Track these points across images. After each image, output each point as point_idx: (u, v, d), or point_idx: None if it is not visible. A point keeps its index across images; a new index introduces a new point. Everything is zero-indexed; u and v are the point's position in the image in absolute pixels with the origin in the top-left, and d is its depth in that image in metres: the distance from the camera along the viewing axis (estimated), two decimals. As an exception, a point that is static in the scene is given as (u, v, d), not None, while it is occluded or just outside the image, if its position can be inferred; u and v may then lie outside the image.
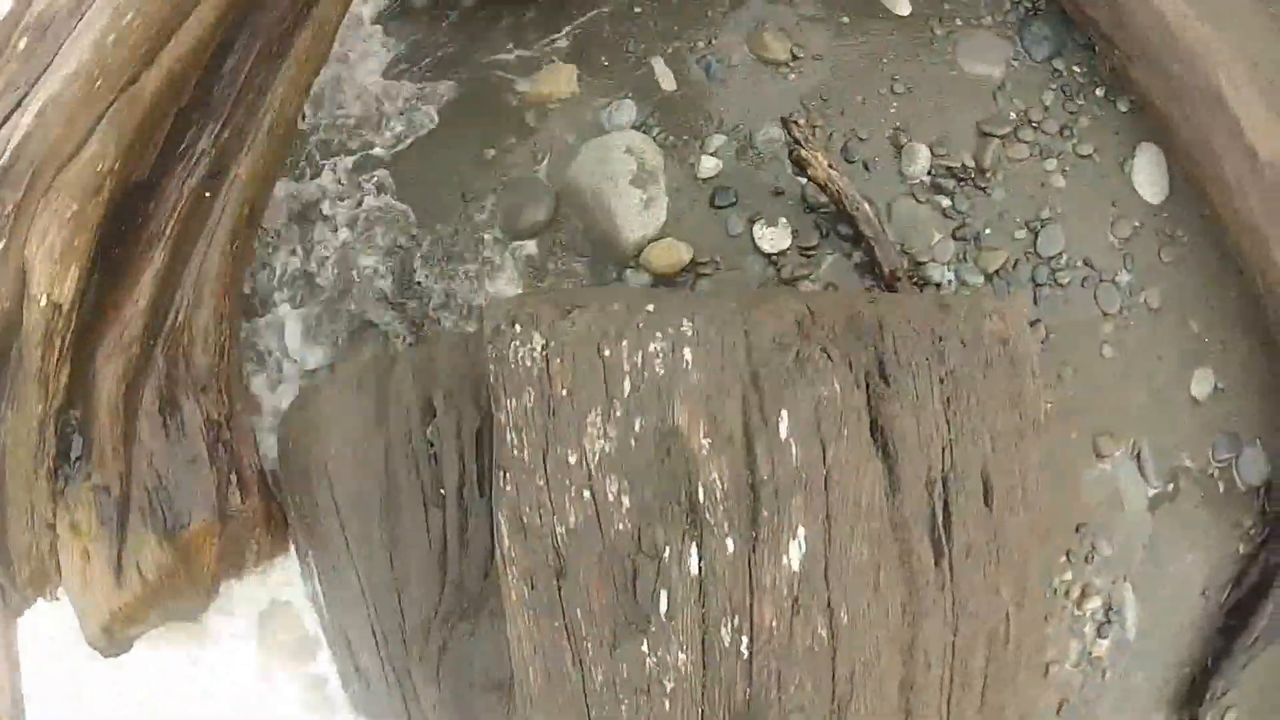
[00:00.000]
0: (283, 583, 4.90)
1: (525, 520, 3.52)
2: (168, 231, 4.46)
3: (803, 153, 4.72)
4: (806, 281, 4.94)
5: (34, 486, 4.25)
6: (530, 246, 5.17)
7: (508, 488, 3.52)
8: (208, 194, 4.54)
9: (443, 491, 4.16)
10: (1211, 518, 5.21)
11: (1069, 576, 4.98)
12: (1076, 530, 5.00)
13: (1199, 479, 5.18)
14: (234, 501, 4.57)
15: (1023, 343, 4.19)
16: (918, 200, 5.13)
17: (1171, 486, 5.13)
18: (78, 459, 4.39)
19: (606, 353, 3.48)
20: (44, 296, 4.02)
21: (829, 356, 3.66)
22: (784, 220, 5.02)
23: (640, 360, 3.48)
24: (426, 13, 5.66)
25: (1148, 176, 5.34)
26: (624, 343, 3.48)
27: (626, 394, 3.48)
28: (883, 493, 3.75)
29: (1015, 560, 4.10)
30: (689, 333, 3.50)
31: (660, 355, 3.49)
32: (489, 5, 5.39)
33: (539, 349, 3.50)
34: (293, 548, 4.72)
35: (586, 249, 5.12)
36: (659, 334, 3.50)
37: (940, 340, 3.93)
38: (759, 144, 5.23)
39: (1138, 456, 5.11)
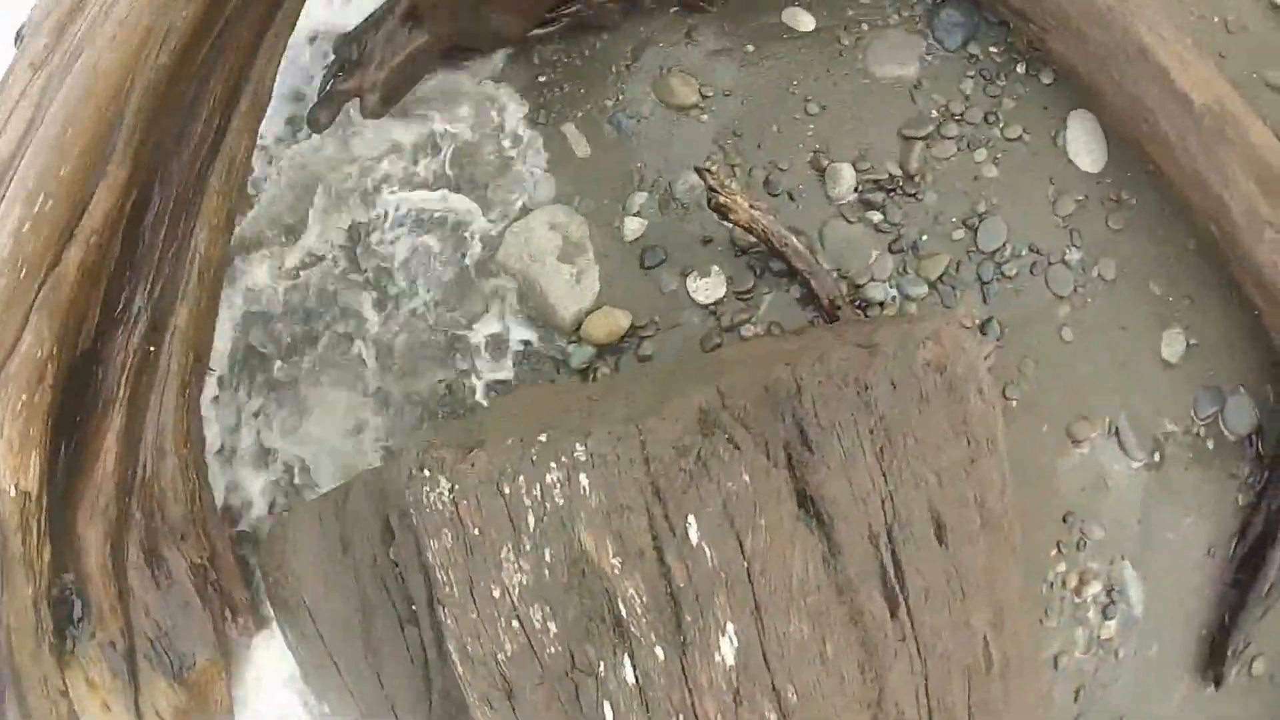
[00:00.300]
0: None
1: (469, 649, 3.52)
2: (120, 393, 4.45)
3: (721, 199, 4.52)
4: (748, 325, 4.78)
5: (42, 659, 4.32)
6: (476, 336, 4.95)
7: (448, 621, 3.53)
8: (152, 349, 4.51)
9: (414, 608, 4.08)
10: (1205, 476, 5.00)
11: (1063, 568, 4.80)
12: (1064, 520, 4.75)
13: (1185, 441, 4.96)
14: (234, 634, 4.56)
15: (963, 363, 4.00)
16: (848, 221, 4.91)
17: (1157, 455, 4.91)
18: (80, 620, 4.45)
19: (506, 490, 3.43)
20: (12, 488, 4.05)
21: (736, 446, 3.50)
22: (716, 269, 4.84)
23: (539, 492, 3.43)
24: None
25: (1083, 145, 5.05)
26: (520, 478, 3.43)
27: (532, 527, 3.43)
28: (820, 562, 3.63)
29: (983, 585, 3.97)
30: (582, 457, 3.42)
31: (557, 485, 3.42)
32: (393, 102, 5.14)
33: (447, 492, 3.47)
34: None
35: (528, 332, 4.91)
36: (553, 464, 3.43)
37: (866, 389, 3.75)
38: (680, 195, 5.04)
39: (1116, 433, 4.89)
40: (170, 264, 4.58)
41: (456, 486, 3.47)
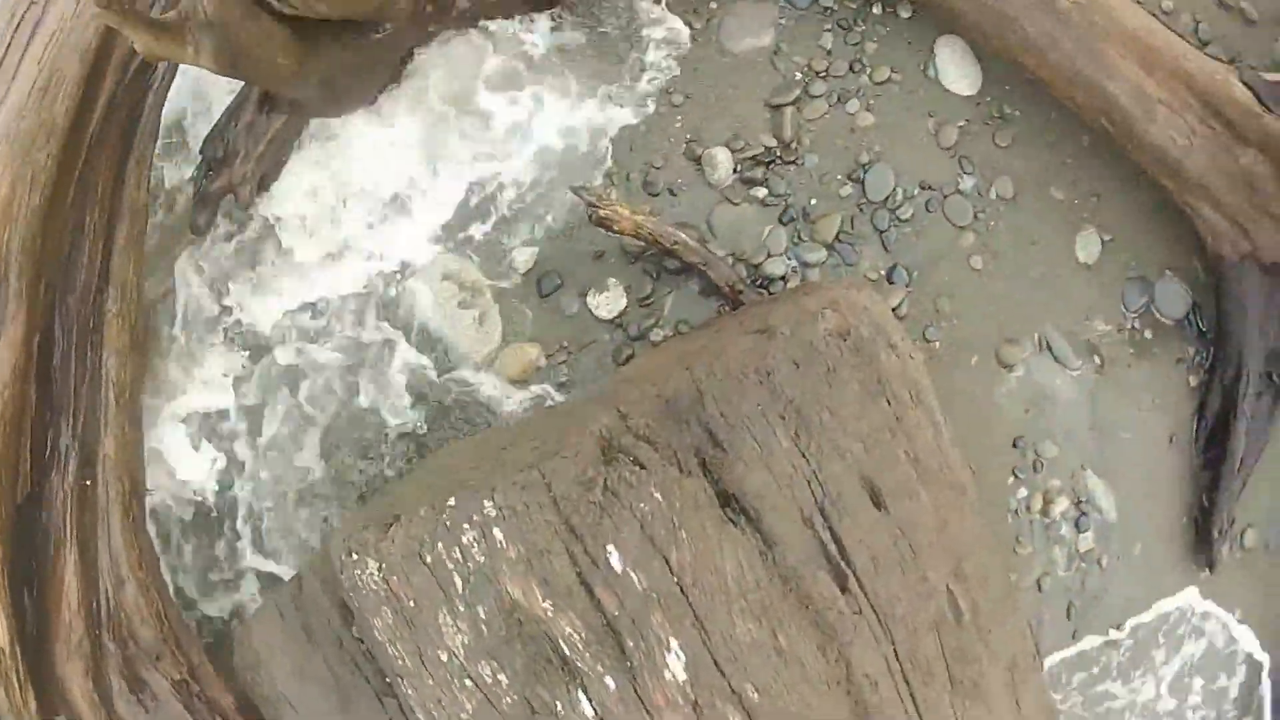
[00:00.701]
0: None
1: (435, 715, 3.64)
2: (67, 531, 4.59)
3: (602, 212, 4.54)
4: (656, 329, 4.80)
5: (48, 802, 4.34)
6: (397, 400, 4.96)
7: (409, 692, 3.65)
8: (88, 482, 4.57)
9: (388, 679, 4.10)
10: (1150, 367, 5.08)
11: (1024, 493, 4.84)
12: (1014, 446, 4.73)
13: (1120, 338, 5.04)
14: (233, 737, 4.60)
15: (868, 323, 4.05)
16: (733, 203, 4.92)
17: (1095, 359, 4.95)
18: (78, 758, 4.42)
19: (428, 559, 3.54)
20: (-16, 646, 4.07)
21: (641, 466, 3.55)
22: (614, 281, 4.87)
23: (459, 555, 3.53)
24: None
25: (955, 71, 5.07)
26: (439, 545, 3.53)
27: (461, 589, 3.54)
28: (755, 557, 3.72)
29: (935, 538, 4.07)
30: (492, 513, 3.53)
31: (474, 544, 3.53)
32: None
33: (376, 572, 3.59)
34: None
35: (449, 383, 4.89)
36: (466, 525, 3.53)
37: (769, 375, 3.79)
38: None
39: (1048, 348, 4.91)
40: (87, 397, 4.67)
41: (383, 564, 3.58)
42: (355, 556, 3.61)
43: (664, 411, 3.78)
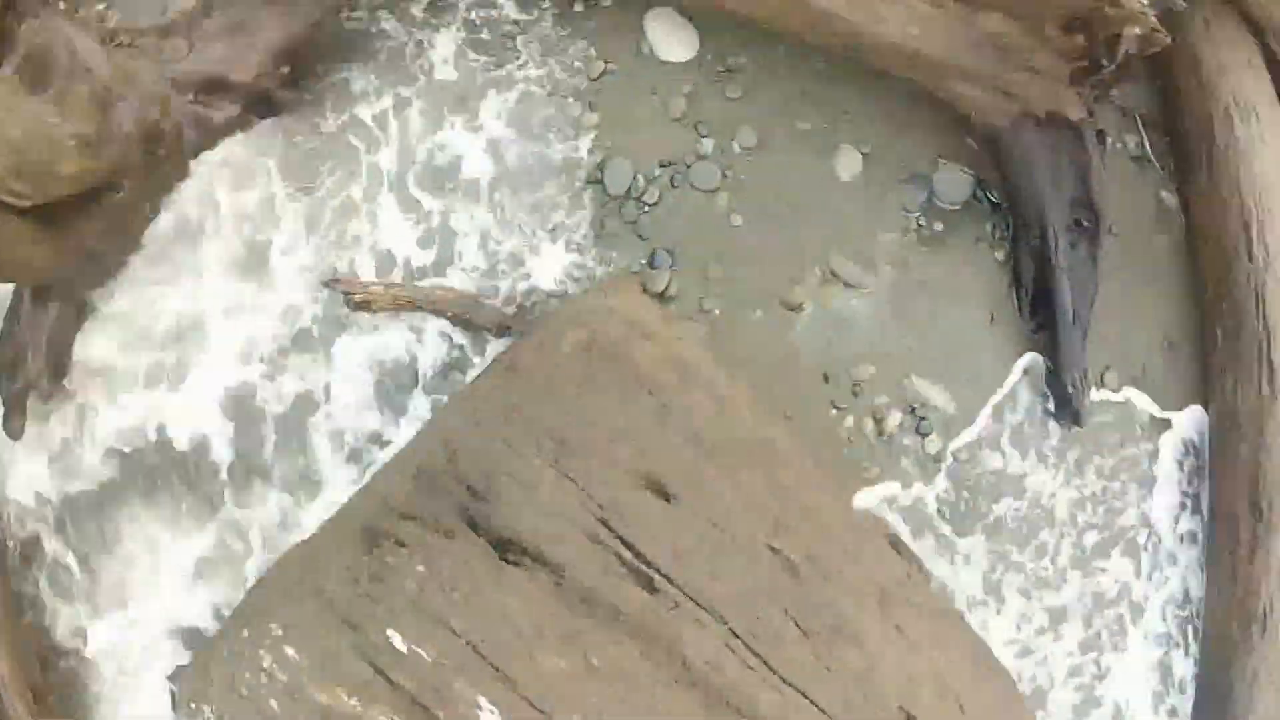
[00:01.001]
0: None
1: None
2: None
3: (358, 298, 4.71)
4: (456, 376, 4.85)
5: None
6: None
7: None
8: (-10, 697, 4.74)
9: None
10: (949, 257, 5.22)
11: (851, 421, 4.98)
12: (826, 381, 4.80)
13: (909, 240, 5.22)
14: None
15: (616, 325, 4.17)
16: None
17: (887, 268, 5.07)
18: None
19: (244, 691, 3.83)
20: None
21: (401, 544, 3.68)
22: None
23: (264, 678, 3.81)
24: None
25: (669, 40, 5.29)
26: (246, 674, 3.82)
27: (277, 709, 3.79)
28: (548, 591, 3.91)
29: (743, 507, 4.16)
30: (278, 631, 3.84)
31: (275, 665, 3.79)
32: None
33: (212, 714, 3.88)
34: None
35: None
36: (261, 650, 3.83)
37: (517, 410, 3.86)
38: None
39: (833, 275, 4.92)
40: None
41: (213, 706, 3.89)
42: (194, 705, 3.95)
43: (421, 482, 3.94)
